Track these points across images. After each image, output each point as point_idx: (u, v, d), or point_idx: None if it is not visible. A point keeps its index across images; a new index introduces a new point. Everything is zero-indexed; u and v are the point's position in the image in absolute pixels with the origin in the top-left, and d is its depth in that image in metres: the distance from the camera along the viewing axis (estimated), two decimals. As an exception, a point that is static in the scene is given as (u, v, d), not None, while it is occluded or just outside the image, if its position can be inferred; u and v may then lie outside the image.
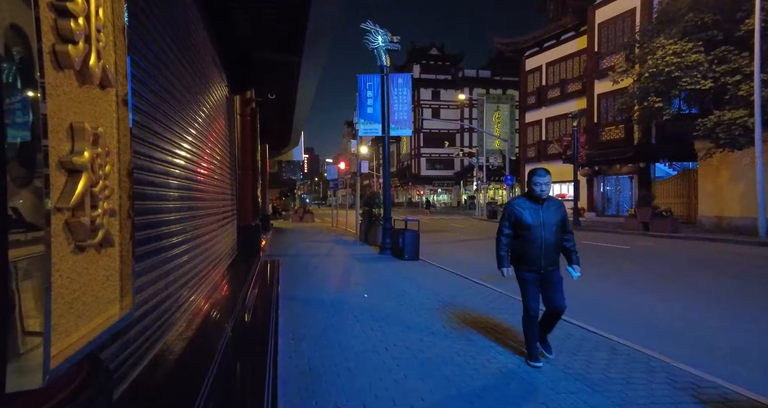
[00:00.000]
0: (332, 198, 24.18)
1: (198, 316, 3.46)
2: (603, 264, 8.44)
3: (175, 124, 3.47)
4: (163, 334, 2.82)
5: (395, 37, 9.71)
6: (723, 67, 12.92)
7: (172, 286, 3.09)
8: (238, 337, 3.20)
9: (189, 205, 3.99)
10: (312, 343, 3.53)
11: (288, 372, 2.92)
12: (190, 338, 3.02)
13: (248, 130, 7.20)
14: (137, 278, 2.30)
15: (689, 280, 6.73)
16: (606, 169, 22.27)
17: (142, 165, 2.59)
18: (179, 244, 3.45)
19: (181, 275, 3.38)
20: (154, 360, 2.46)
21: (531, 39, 28.51)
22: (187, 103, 3.82)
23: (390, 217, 9.67)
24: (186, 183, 3.82)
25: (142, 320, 2.45)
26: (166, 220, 3.12)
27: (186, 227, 3.76)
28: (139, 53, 2.62)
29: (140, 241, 2.49)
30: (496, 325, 4.07)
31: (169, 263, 3.11)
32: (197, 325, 3.28)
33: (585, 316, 4.37)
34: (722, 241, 12.12)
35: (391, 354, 3.30)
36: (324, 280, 6.45)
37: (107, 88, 1.14)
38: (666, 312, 4.84)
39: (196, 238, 4.03)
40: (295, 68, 7.39)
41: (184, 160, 3.76)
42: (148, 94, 2.76)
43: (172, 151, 3.35)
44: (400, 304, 4.89)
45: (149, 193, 2.74)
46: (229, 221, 5.95)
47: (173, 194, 3.40)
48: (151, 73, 2.80)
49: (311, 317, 4.29)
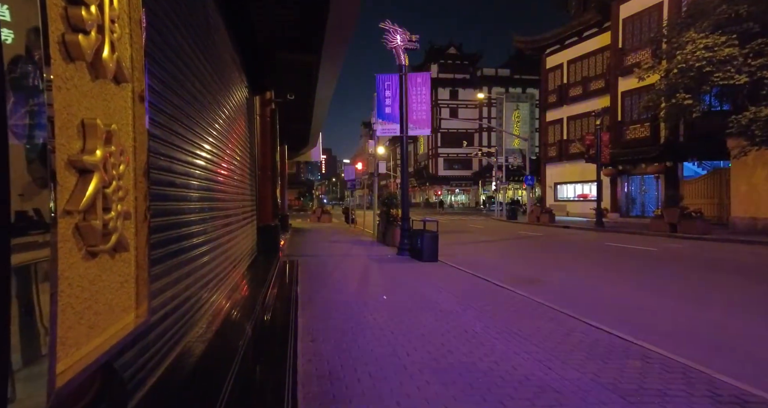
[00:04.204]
0: (349, 198, 24.16)
1: (218, 317, 3.44)
2: (631, 267, 8.13)
3: (196, 125, 3.46)
4: (183, 336, 2.80)
5: (414, 36, 9.60)
6: (759, 61, 12.31)
7: (192, 288, 3.07)
8: (257, 339, 3.16)
9: (210, 205, 3.99)
10: (331, 346, 3.47)
11: (308, 376, 2.86)
12: (209, 340, 3.00)
13: (268, 131, 7.22)
14: (156, 282, 2.28)
15: (724, 286, 6.40)
16: (630, 168, 21.58)
17: (162, 165, 2.58)
18: (200, 245, 3.44)
19: (201, 277, 3.37)
20: (174, 364, 2.44)
21: (551, 36, 27.91)
22: (207, 102, 3.82)
23: (408, 217, 9.57)
24: (206, 184, 3.82)
25: (162, 322, 2.42)
26: (186, 221, 3.11)
27: (207, 228, 3.76)
28: (160, 52, 2.61)
29: (160, 242, 2.47)
30: (520, 330, 3.92)
31: (190, 264, 3.09)
32: (217, 327, 3.26)
33: (613, 322, 4.18)
34: (758, 243, 11.54)
35: (412, 359, 3.20)
36: (342, 281, 6.40)
37: (122, 83, 1.09)
38: (698, 318, 4.58)
39: (217, 239, 4.02)
40: (313, 68, 7.38)
41: (204, 161, 3.76)
42: (168, 93, 2.75)
43: (192, 152, 3.35)
44: (420, 306, 4.79)
45: (169, 194, 2.72)
46: (249, 222, 5.96)
47: (194, 195, 3.39)
48: (170, 72, 2.78)
49: (330, 319, 4.24)
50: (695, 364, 3.10)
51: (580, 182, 26.38)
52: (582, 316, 4.38)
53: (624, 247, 11.35)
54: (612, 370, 3.00)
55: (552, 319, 4.32)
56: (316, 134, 14.93)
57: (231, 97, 5.09)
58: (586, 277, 7.14)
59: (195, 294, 3.09)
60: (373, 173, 16.76)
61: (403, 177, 9.81)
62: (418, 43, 9.60)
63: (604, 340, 3.69)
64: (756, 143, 12.38)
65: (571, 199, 27.34)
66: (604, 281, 6.74)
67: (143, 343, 2.06)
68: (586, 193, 26.01)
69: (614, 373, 2.95)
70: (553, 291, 5.95)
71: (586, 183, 25.71)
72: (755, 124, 12.06)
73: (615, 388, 2.71)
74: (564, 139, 27.29)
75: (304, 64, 7.20)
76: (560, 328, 4.03)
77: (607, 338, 3.73)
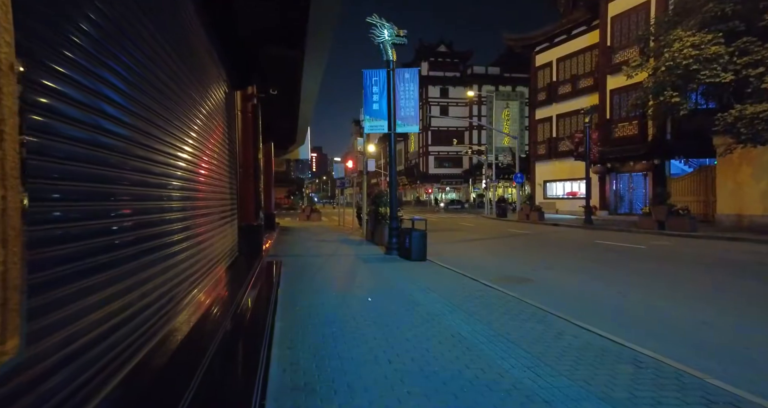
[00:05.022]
0: (340, 197, 23.90)
1: (184, 325, 3.22)
2: (621, 266, 8.06)
3: (161, 119, 3.23)
4: (140, 348, 2.58)
5: (402, 30, 9.40)
6: (745, 59, 12.39)
7: (151, 295, 2.85)
8: (227, 347, 2.95)
9: (181, 205, 3.76)
10: (310, 354, 3.27)
11: (281, 387, 2.67)
12: (171, 352, 2.78)
13: (249, 127, 6.97)
14: (98, 292, 2.06)
15: (714, 283, 6.35)
16: (619, 166, 21.71)
17: (114, 162, 2.36)
18: (164, 247, 3.21)
19: (165, 282, 3.15)
20: (126, 379, 2.22)
21: (541, 34, 27.97)
22: (174, 96, 3.58)
23: (396, 216, 9.39)
24: (176, 183, 3.59)
25: (112, 334, 2.20)
26: (146, 222, 2.89)
27: (176, 229, 3.53)
28: (123, 49, 2.39)
29: (106, 247, 2.26)
30: (509, 333, 3.77)
31: (150, 269, 2.87)
32: (182, 336, 3.04)
33: (604, 323, 4.05)
34: (745, 240, 11.62)
35: (394, 366, 3.03)
36: (326, 282, 6.20)
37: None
38: (690, 318, 4.49)
39: (187, 241, 3.80)
40: (297, 62, 7.14)
41: (174, 159, 3.53)
42: (125, 85, 2.52)
43: (155, 148, 3.12)
44: (406, 309, 4.61)
45: (118, 193, 2.51)
46: (228, 221, 5.73)
47: (157, 194, 3.16)
48: (127, 63, 2.56)
49: (311, 324, 4.04)
50: (688, 368, 2.98)
51: (569, 180, 26.50)
52: (572, 318, 4.25)
53: (613, 244, 11.32)
54: (603, 377, 2.85)
55: (541, 321, 4.18)
56: (304, 131, 14.65)
57: (205, 91, 4.85)
58: (576, 276, 7.04)
59: (156, 301, 2.87)
60: (362, 171, 16.55)
61: (392, 175, 9.63)
62: (406, 39, 9.40)
63: (595, 343, 3.55)
64: (742, 141, 12.46)
65: (560, 196, 27.46)
66: (594, 280, 6.65)
67: (87, 357, 1.85)
68: (575, 191, 26.13)
69: (606, 380, 2.81)
70: (543, 291, 5.82)
71: (575, 181, 25.83)
72: (740, 121, 12.12)
73: (607, 397, 2.56)
74: (553, 137, 27.38)
75: (288, 58, 6.96)
76: (550, 330, 3.90)
77: (597, 341, 3.60)
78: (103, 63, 2.24)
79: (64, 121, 1.81)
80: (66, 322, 1.73)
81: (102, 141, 2.22)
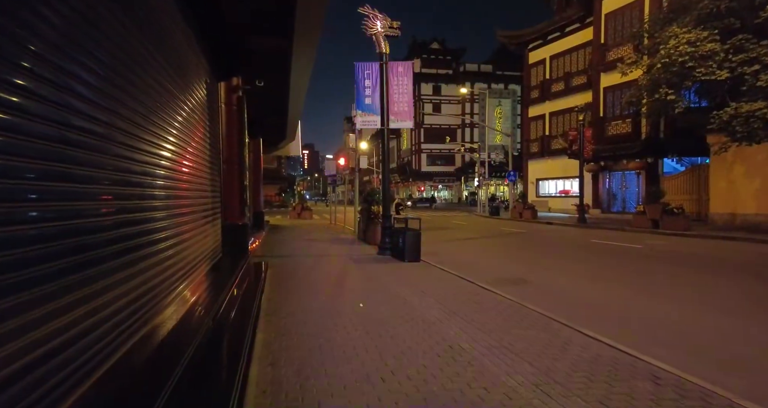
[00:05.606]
0: (333, 194, 23.48)
1: (151, 340, 2.86)
2: (620, 266, 7.84)
3: (131, 112, 2.86)
4: (99, 365, 2.23)
5: (395, 22, 9.06)
6: (740, 57, 12.25)
7: (117, 303, 2.50)
8: (198, 367, 2.60)
9: (153, 204, 3.40)
10: (293, 371, 2.94)
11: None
12: (134, 369, 2.43)
13: (234, 121, 6.57)
14: (49, 302, 1.70)
15: (721, 286, 6.14)
16: (612, 164, 21.62)
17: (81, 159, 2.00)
18: (133, 249, 2.85)
19: (133, 289, 2.79)
20: (73, 405, 1.87)
21: (535, 31, 27.76)
22: (144, 87, 3.21)
23: (389, 215, 9.06)
24: (148, 179, 3.23)
25: (64, 351, 1.85)
26: (114, 223, 2.53)
27: (147, 230, 3.17)
28: (77, 29, 2.02)
29: (64, 251, 1.90)
30: (511, 344, 3.47)
31: (117, 274, 2.52)
32: (147, 354, 2.68)
33: (610, 330, 3.78)
34: (739, 239, 11.52)
35: (388, 386, 2.71)
36: (315, 285, 5.85)
37: None
38: (700, 324, 4.24)
39: (159, 243, 3.43)
40: (285, 52, 6.76)
41: (147, 155, 3.17)
42: (85, 73, 2.16)
43: (126, 144, 2.75)
44: (401, 316, 4.30)
45: (79, 192, 2.15)
46: (209, 221, 5.35)
47: (125, 192, 2.80)
48: (89, 49, 2.19)
49: (296, 334, 3.70)
50: (712, 386, 2.71)
51: (561, 178, 26.41)
52: (577, 325, 3.98)
53: (609, 244, 11.14)
54: (621, 397, 2.57)
55: (545, 329, 3.90)
56: (294, 127, 14.23)
57: (184, 82, 4.46)
58: (575, 277, 6.79)
59: (115, 314, 2.51)
60: (354, 168, 16.18)
61: (385, 172, 9.29)
62: (400, 30, 9.06)
63: (606, 354, 3.27)
64: (737, 139, 12.35)
65: (553, 195, 27.37)
66: (594, 282, 6.40)
67: (22, 384, 1.49)
68: (568, 189, 26.05)
69: (625, 401, 2.52)
70: (543, 293, 5.56)
71: (567, 179, 25.74)
72: (736, 119, 12.00)
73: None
74: (546, 135, 27.24)
75: (275, 48, 6.58)
76: (555, 340, 3.61)
77: (608, 352, 3.32)
78: (68, 54, 1.96)
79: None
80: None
81: (69, 138, 2.00)
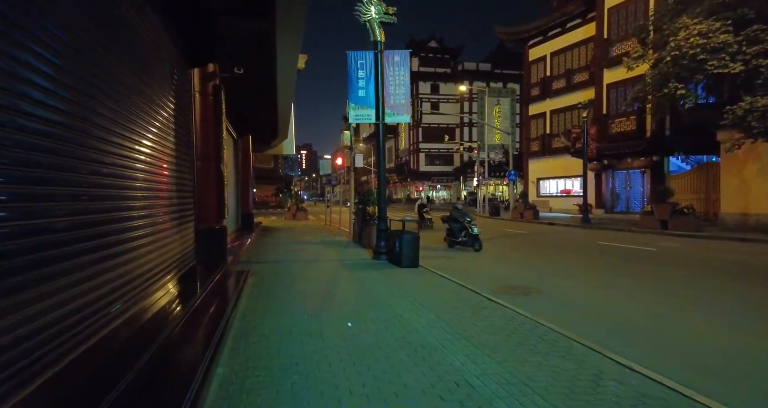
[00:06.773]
0: (330, 194, 22.76)
1: (77, 371, 2.18)
2: (638, 272, 7.16)
3: (77, 101, 2.19)
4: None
5: (391, 8, 8.38)
6: (755, 48, 11.63)
7: (27, 326, 1.83)
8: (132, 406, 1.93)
9: (103, 206, 2.73)
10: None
11: None
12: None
13: (210, 112, 5.89)
14: None
15: (759, 297, 5.50)
16: (615, 163, 21.00)
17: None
18: (71, 257, 2.19)
19: (72, 299, 2.12)
20: None
21: (534, 28, 27.14)
22: (99, 71, 2.54)
23: (385, 216, 8.39)
24: (95, 178, 2.57)
25: None
26: (47, 227, 1.86)
27: (91, 234, 2.51)
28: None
29: None
30: (531, 379, 2.81)
31: (55, 281, 1.85)
32: (68, 390, 2.01)
33: (645, 355, 3.11)
34: (756, 241, 10.89)
35: (377, 446, 2.04)
36: (299, 298, 5.17)
37: None
38: (753, 347, 3.59)
39: (106, 249, 2.76)
40: (269, 38, 6.08)
41: (94, 152, 2.50)
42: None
43: (70, 139, 2.08)
44: (396, 339, 3.62)
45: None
46: (177, 225, 4.68)
47: (64, 192, 2.13)
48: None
49: (265, 369, 3.01)
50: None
51: (563, 177, 25.79)
52: (604, 348, 3.33)
53: (619, 246, 10.49)
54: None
55: (568, 355, 3.24)
56: (286, 123, 13.51)
57: (144, 67, 3.79)
58: (590, 285, 6.14)
59: (36, 334, 1.84)
60: (349, 167, 15.50)
61: (380, 171, 8.61)
62: (395, 18, 8.39)
63: (651, 393, 2.61)
64: (753, 135, 11.73)
65: (554, 194, 26.74)
66: (610, 290, 5.75)
67: None
68: (569, 189, 25.43)
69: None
70: (556, 306, 4.91)
71: (569, 178, 25.12)
72: (751, 114, 11.38)
73: None
74: (547, 134, 26.62)
75: (257, 32, 5.91)
76: (583, 371, 2.95)
77: (652, 389, 2.66)
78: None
79: None
80: None
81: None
